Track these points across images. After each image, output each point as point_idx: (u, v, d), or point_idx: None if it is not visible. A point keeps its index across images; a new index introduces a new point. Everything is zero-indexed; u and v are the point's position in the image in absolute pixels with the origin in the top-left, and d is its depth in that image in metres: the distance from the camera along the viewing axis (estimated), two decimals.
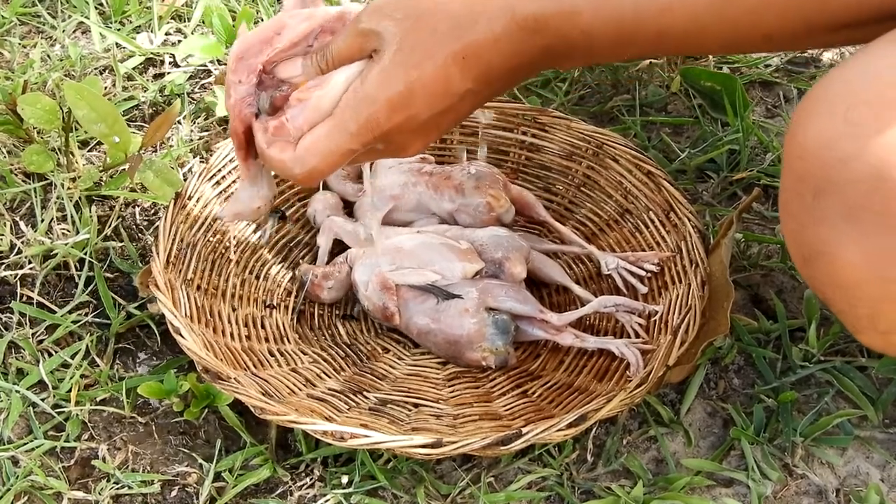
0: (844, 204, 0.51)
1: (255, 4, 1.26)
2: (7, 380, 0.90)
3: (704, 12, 0.62)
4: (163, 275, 0.86)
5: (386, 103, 0.67)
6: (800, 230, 0.55)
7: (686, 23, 0.63)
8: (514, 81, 0.71)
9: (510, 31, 0.65)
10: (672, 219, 0.93)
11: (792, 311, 0.95)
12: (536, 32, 0.65)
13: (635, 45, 0.65)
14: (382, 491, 0.82)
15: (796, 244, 0.56)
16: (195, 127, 1.14)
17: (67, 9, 1.28)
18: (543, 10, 0.65)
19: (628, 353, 0.85)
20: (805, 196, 0.53)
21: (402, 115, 0.67)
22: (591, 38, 0.65)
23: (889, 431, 0.87)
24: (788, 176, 0.55)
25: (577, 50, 0.67)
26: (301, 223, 1.03)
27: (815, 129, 0.53)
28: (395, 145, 0.70)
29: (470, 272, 0.90)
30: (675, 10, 0.63)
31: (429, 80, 0.66)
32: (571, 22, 0.65)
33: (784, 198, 0.56)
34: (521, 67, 0.68)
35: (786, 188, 0.56)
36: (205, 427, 0.88)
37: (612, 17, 0.64)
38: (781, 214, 0.57)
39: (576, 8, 0.65)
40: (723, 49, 0.68)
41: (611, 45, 0.66)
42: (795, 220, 0.55)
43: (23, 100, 1.01)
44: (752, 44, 0.65)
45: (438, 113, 0.68)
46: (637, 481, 0.82)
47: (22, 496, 0.83)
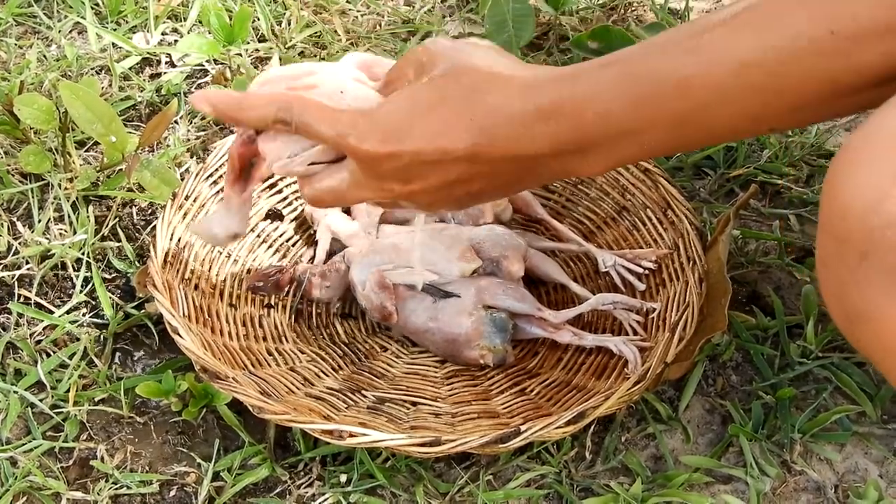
0: (891, 268, 0.50)
1: (252, 4, 1.25)
2: (5, 380, 0.89)
3: (725, 80, 0.59)
4: (160, 275, 0.86)
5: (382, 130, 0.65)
6: (842, 291, 0.53)
7: (707, 95, 0.60)
8: (515, 178, 0.67)
9: (525, 109, 0.63)
10: (669, 216, 0.93)
11: (790, 307, 0.95)
12: (550, 117, 0.63)
13: (654, 128, 0.62)
14: (381, 489, 0.82)
15: (839, 304, 0.54)
16: (192, 127, 1.14)
17: (63, 9, 1.28)
18: (561, 94, 0.63)
19: (626, 350, 0.86)
20: (848, 258, 0.52)
21: (389, 149, 0.65)
22: (606, 121, 0.62)
23: (887, 427, 0.87)
24: (828, 236, 0.53)
25: (590, 138, 0.63)
26: (298, 222, 1.03)
27: (857, 190, 0.51)
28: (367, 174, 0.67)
29: (467, 271, 0.90)
30: (693, 82, 0.60)
31: (427, 125, 0.64)
32: (587, 104, 0.62)
33: (823, 256, 0.54)
34: (526, 160, 0.65)
35: (825, 246, 0.54)
36: (203, 427, 0.88)
37: (629, 96, 0.61)
38: (820, 271, 0.55)
39: (594, 91, 0.62)
40: (750, 122, 0.63)
41: (627, 132, 0.62)
42: (837, 281, 0.53)
43: (19, 100, 1.01)
44: (779, 114, 0.61)
45: (425, 163, 0.65)
46: (636, 478, 0.82)
47: (21, 497, 0.83)
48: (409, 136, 0.64)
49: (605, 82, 0.62)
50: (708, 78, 0.59)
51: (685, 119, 0.61)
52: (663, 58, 0.61)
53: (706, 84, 0.60)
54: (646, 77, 0.61)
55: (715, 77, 0.59)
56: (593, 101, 0.62)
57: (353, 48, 1.24)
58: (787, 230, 1.03)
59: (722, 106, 0.60)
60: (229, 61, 1.18)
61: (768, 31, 0.58)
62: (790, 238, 1.01)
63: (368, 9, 1.31)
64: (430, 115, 0.64)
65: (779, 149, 1.09)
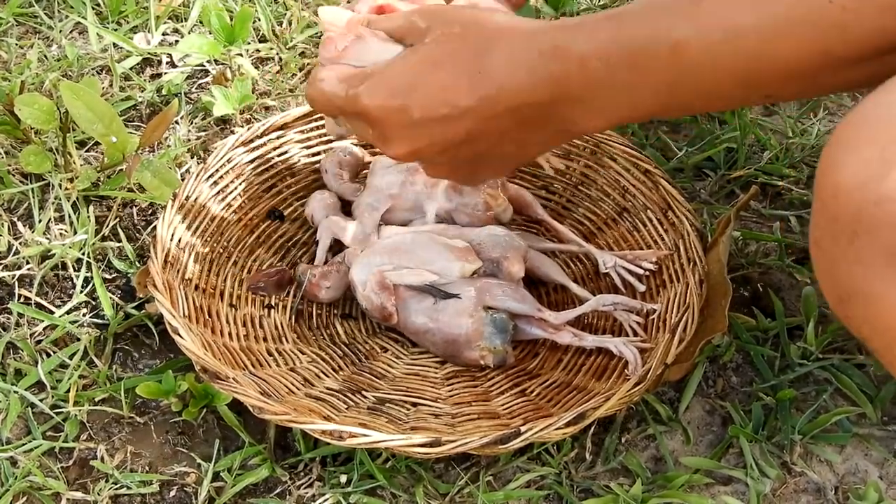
0: (882, 246, 0.50)
1: (252, 4, 1.25)
2: (5, 380, 0.89)
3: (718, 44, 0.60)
4: (161, 275, 0.86)
5: (389, 84, 0.67)
6: (834, 270, 0.54)
7: (699, 55, 0.61)
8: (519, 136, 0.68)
9: (530, 56, 0.64)
10: (670, 217, 0.93)
11: (790, 308, 0.95)
12: (552, 62, 0.64)
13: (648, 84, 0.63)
14: (381, 490, 0.82)
15: (830, 283, 0.55)
16: (193, 127, 1.14)
17: (64, 9, 1.28)
18: (565, 36, 0.64)
19: (626, 351, 0.86)
20: (839, 236, 0.52)
21: (397, 102, 0.67)
22: (605, 69, 0.63)
23: (887, 429, 0.87)
24: (821, 215, 0.54)
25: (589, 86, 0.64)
26: (299, 223, 1.03)
27: (849, 169, 0.51)
28: (381, 133, 0.69)
29: (468, 271, 0.90)
30: (688, 44, 0.61)
31: (435, 80, 0.66)
32: (588, 52, 0.63)
33: (816, 235, 0.55)
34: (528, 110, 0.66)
35: (818, 226, 0.54)
36: (203, 427, 0.88)
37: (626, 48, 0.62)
38: (813, 251, 0.56)
39: (595, 40, 0.63)
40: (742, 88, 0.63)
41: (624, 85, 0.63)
42: (829, 260, 0.54)
43: (20, 100, 1.01)
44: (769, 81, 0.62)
45: (432, 119, 0.67)
46: (636, 480, 0.82)
47: (21, 496, 0.83)
48: (416, 90, 0.66)
49: (605, 32, 0.63)
50: (701, 40, 0.60)
51: (679, 76, 0.62)
52: (662, 17, 0.62)
53: (700, 45, 0.60)
54: (643, 32, 0.62)
55: (708, 40, 0.60)
56: (594, 50, 0.63)
57: None
58: (787, 231, 1.03)
59: (713, 67, 0.61)
60: (230, 62, 1.18)
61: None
62: (791, 239, 1.01)
63: None
64: (437, 71, 0.66)
65: (779, 150, 1.09)
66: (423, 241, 0.93)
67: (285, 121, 1.01)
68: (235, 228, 0.99)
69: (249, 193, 1.00)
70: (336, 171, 1.01)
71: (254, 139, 1.00)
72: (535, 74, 0.64)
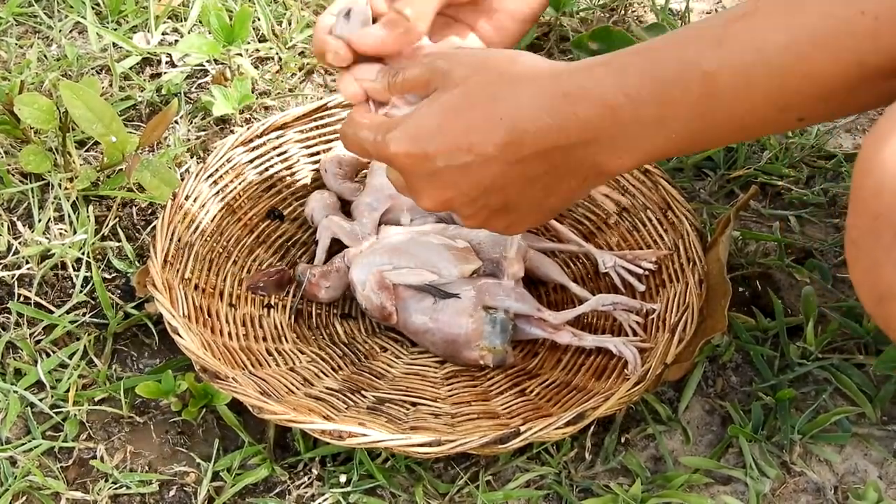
0: None
1: (252, 4, 1.25)
2: (5, 380, 0.89)
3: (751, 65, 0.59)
4: (160, 274, 0.86)
5: (412, 133, 0.67)
6: (875, 270, 0.53)
7: (732, 79, 0.59)
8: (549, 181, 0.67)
9: (553, 98, 0.63)
10: (669, 217, 0.93)
11: (790, 308, 0.95)
12: (578, 103, 0.63)
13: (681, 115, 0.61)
14: (381, 490, 0.82)
15: (869, 283, 0.54)
16: (192, 127, 1.14)
17: (64, 8, 1.28)
18: (589, 75, 0.63)
19: (626, 351, 0.85)
20: (882, 234, 0.51)
21: (420, 150, 0.66)
22: (633, 105, 0.62)
23: (887, 429, 0.87)
24: (861, 212, 0.53)
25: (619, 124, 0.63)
26: (299, 222, 1.03)
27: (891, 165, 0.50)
28: (410, 184, 0.69)
29: (467, 271, 0.90)
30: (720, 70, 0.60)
31: (457, 127, 0.65)
32: (615, 88, 0.62)
33: (854, 234, 0.54)
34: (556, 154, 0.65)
35: (857, 225, 0.53)
36: (203, 426, 0.88)
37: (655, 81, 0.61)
38: (850, 251, 0.55)
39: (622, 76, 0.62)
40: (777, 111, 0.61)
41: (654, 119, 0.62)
42: (869, 259, 0.53)
43: (19, 100, 1.01)
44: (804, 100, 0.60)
45: (456, 167, 0.66)
46: (635, 479, 0.82)
47: (20, 496, 0.83)
48: (438, 138, 0.66)
49: (633, 67, 0.62)
50: (734, 65, 0.59)
51: (711, 105, 0.61)
52: (690, 46, 0.61)
53: (733, 70, 0.59)
54: (673, 63, 0.61)
55: (741, 63, 0.59)
56: (621, 86, 0.62)
57: None
58: (787, 231, 1.03)
59: (747, 91, 0.60)
60: (229, 61, 1.18)
61: (796, 13, 0.57)
62: (790, 239, 1.01)
63: None
64: (459, 118, 0.65)
65: (779, 150, 1.09)
66: (423, 240, 0.93)
67: (285, 120, 1.01)
68: (235, 228, 0.99)
69: (249, 193, 1.00)
70: (336, 171, 1.01)
71: (253, 139, 1.00)
72: (559, 117, 0.63)
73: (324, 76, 1.21)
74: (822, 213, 1.04)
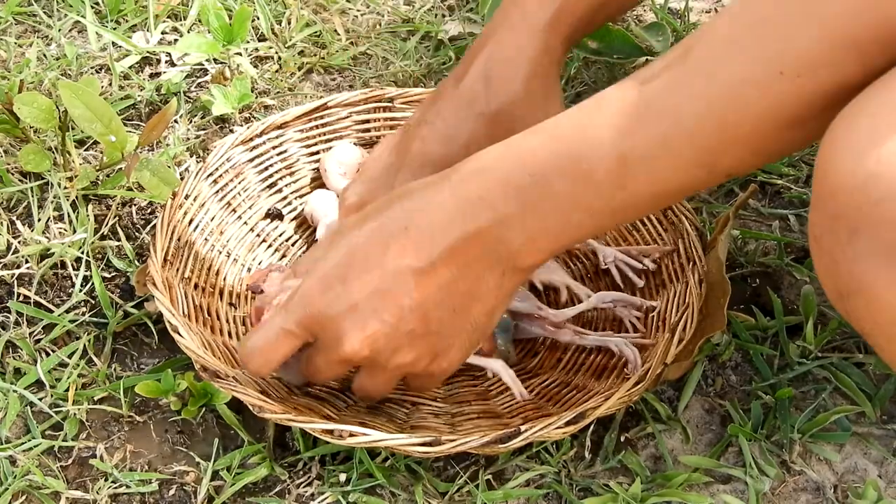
0: (882, 244, 0.50)
1: (251, 3, 1.25)
2: (4, 379, 0.89)
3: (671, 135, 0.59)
4: (160, 273, 0.86)
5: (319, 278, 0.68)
6: (834, 267, 0.54)
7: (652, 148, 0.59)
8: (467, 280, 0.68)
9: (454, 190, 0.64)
10: (669, 216, 0.93)
11: (789, 307, 0.95)
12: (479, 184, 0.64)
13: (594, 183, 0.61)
14: (380, 489, 0.82)
15: (831, 280, 0.55)
16: (192, 126, 1.14)
17: (63, 8, 1.28)
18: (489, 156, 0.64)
19: (627, 351, 0.85)
20: (839, 234, 0.52)
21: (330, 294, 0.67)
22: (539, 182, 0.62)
23: (887, 427, 0.87)
24: (820, 213, 0.54)
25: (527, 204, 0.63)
26: (298, 222, 1.03)
27: (845, 169, 0.51)
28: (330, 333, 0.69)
29: None
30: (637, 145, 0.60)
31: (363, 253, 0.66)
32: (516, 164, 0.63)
33: (816, 233, 0.55)
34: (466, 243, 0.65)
35: (817, 224, 0.55)
36: (202, 425, 0.88)
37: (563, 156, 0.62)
38: (813, 248, 0.56)
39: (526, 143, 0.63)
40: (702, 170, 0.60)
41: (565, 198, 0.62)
42: (829, 257, 0.54)
43: (19, 99, 1.01)
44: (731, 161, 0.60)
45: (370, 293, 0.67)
46: (635, 478, 0.82)
47: (20, 495, 0.83)
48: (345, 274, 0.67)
49: (537, 148, 0.62)
50: (652, 136, 0.59)
51: (630, 175, 0.60)
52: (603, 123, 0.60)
53: (650, 142, 0.59)
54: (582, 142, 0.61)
55: (659, 134, 0.59)
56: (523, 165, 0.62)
57: (353, 47, 1.24)
58: (786, 230, 1.03)
59: (669, 159, 0.60)
60: (229, 61, 1.18)
61: (712, 83, 0.57)
62: (790, 238, 1.01)
63: (368, 8, 1.31)
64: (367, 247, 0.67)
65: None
66: None
67: (284, 119, 1.01)
68: (235, 227, 0.99)
69: (249, 192, 1.00)
70: (336, 171, 1.01)
71: (253, 138, 1.00)
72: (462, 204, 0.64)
73: (323, 75, 1.21)
74: None
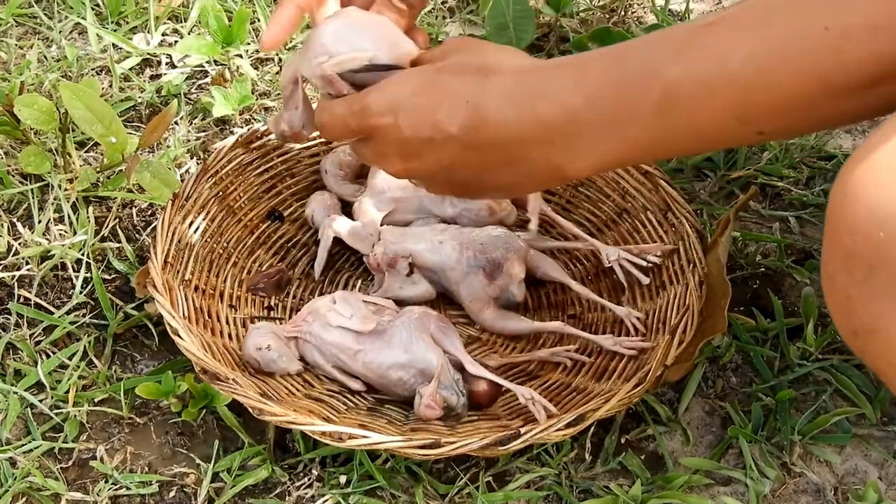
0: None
1: (251, 5, 1.25)
2: (5, 381, 0.89)
3: (712, 76, 0.59)
4: (160, 275, 0.86)
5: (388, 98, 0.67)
6: (849, 305, 0.53)
7: (692, 88, 0.59)
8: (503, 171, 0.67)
9: (517, 95, 0.64)
10: (670, 218, 0.93)
11: (789, 309, 0.95)
12: (538, 99, 0.63)
13: (638, 119, 0.61)
14: (380, 491, 0.82)
15: (845, 318, 0.54)
16: (192, 127, 1.14)
17: (64, 10, 1.28)
18: (554, 75, 0.64)
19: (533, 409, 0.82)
20: (855, 272, 0.52)
21: (391, 119, 0.67)
22: (591, 106, 0.62)
23: (887, 429, 0.87)
24: (835, 249, 0.53)
25: (575, 124, 0.63)
26: (299, 223, 1.03)
27: (866, 205, 0.50)
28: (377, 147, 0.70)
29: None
30: (681, 78, 0.59)
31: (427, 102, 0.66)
32: (575, 88, 0.62)
33: (829, 269, 0.54)
34: (512, 146, 0.65)
35: (832, 260, 0.54)
36: (203, 427, 0.88)
37: (615, 83, 0.61)
38: (826, 285, 0.55)
39: (583, 76, 0.63)
40: (736, 122, 0.61)
41: (612, 122, 0.62)
42: (843, 294, 0.53)
43: (19, 101, 1.01)
44: (765, 114, 0.60)
45: (420, 140, 0.67)
46: (635, 480, 0.82)
47: (20, 497, 0.83)
48: (408, 107, 0.66)
49: (595, 69, 0.62)
50: (695, 73, 0.59)
51: (671, 112, 0.60)
52: (653, 52, 0.61)
53: (694, 79, 0.59)
54: (635, 67, 0.61)
55: (703, 73, 0.59)
56: (582, 87, 0.62)
57: None
58: (786, 232, 1.03)
59: (708, 101, 0.59)
60: (229, 62, 1.18)
61: (760, 28, 0.58)
62: (790, 240, 1.01)
63: None
64: (432, 94, 0.66)
65: (779, 151, 1.09)
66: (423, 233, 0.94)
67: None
68: (235, 229, 0.99)
69: (249, 194, 1.00)
70: (336, 172, 1.01)
71: (253, 140, 1.00)
72: (521, 112, 0.64)
73: None
74: (821, 213, 1.04)
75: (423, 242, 0.94)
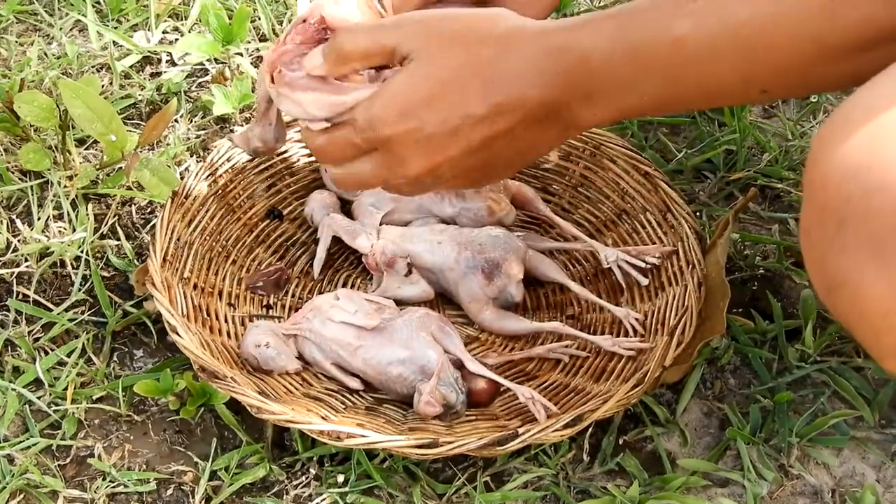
0: (869, 236, 0.50)
1: (252, 3, 1.25)
2: (3, 378, 0.89)
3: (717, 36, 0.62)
4: (159, 273, 0.86)
5: (398, 106, 0.67)
6: (822, 259, 0.54)
7: (698, 49, 0.63)
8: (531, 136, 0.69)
9: (540, 61, 0.66)
10: (669, 220, 0.93)
11: (788, 311, 0.95)
12: (561, 57, 0.65)
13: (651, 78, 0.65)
14: (378, 490, 0.82)
15: (819, 273, 0.55)
16: (192, 125, 1.14)
17: (64, 7, 1.28)
18: (570, 35, 0.66)
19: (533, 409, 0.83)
20: (828, 226, 0.53)
21: (410, 124, 0.67)
22: (609, 65, 0.65)
23: (885, 432, 0.87)
24: (810, 205, 0.54)
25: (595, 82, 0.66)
26: (298, 222, 1.03)
27: (837, 159, 0.52)
28: (395, 156, 0.69)
29: None
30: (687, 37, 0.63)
31: (447, 93, 0.66)
32: (593, 48, 0.65)
33: (805, 225, 0.55)
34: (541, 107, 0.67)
35: (807, 216, 0.55)
36: (201, 425, 0.88)
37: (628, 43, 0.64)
38: (803, 242, 0.56)
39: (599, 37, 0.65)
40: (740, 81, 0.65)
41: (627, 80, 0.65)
42: (817, 250, 0.54)
43: (19, 98, 1.01)
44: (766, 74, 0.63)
45: (446, 132, 0.67)
46: (633, 481, 0.82)
47: (18, 494, 0.83)
48: (428, 107, 0.67)
49: (608, 30, 0.65)
50: (701, 34, 0.63)
51: (680, 70, 0.64)
52: (661, 13, 0.64)
53: (699, 40, 0.63)
54: (644, 29, 0.64)
55: (707, 33, 0.62)
56: (597, 46, 0.65)
57: None
58: (786, 234, 1.03)
59: (713, 61, 0.63)
60: (229, 61, 1.18)
61: None
62: (789, 242, 1.01)
63: None
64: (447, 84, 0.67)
65: (779, 152, 1.09)
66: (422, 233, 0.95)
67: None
68: (234, 227, 0.99)
69: (248, 192, 1.00)
70: None
71: None
72: (544, 75, 0.66)
73: None
74: None
75: (422, 243, 0.94)
